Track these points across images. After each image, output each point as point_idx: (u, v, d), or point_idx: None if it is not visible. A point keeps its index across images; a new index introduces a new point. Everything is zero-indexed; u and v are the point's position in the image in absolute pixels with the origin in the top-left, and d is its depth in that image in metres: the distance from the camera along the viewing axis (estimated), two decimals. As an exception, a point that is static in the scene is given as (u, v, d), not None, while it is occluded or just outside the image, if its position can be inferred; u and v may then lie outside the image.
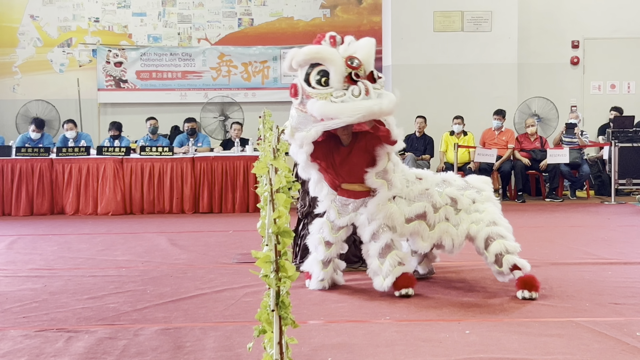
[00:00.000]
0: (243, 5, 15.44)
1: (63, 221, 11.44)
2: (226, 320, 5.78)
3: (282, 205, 2.73)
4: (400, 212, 6.31)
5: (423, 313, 5.79)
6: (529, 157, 13.53)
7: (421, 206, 6.38)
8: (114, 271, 7.70)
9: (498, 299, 6.21)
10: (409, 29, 14.33)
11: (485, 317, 5.66)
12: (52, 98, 14.91)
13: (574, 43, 15.19)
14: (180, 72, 15.21)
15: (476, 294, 6.39)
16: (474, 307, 5.94)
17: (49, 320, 5.85)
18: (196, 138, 13.38)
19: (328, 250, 6.54)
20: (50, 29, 15.22)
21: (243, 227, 10.41)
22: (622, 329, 5.37)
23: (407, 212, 6.34)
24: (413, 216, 6.38)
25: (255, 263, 2.71)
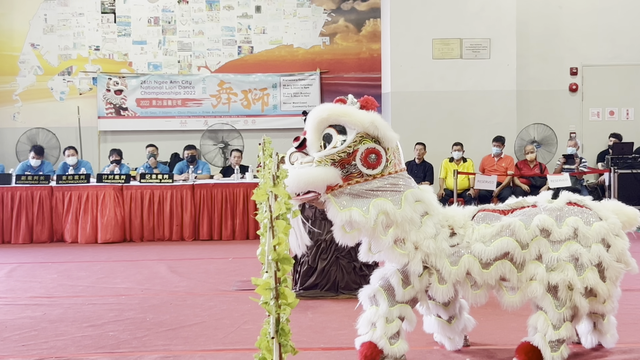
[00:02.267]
0: (243, 33, 15.52)
1: (62, 249, 11.42)
2: (226, 347, 5.76)
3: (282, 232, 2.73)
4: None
5: (425, 339, 5.76)
6: (528, 183, 13.53)
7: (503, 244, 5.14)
8: (114, 299, 7.68)
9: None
10: (408, 56, 14.39)
11: None
12: (53, 126, 14.94)
13: (573, 70, 15.24)
14: (180, 99, 15.25)
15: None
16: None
17: (48, 348, 5.83)
18: (196, 165, 13.40)
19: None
20: (50, 57, 15.28)
21: (243, 254, 10.39)
22: (623, 355, 5.36)
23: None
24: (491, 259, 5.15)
25: (255, 290, 2.71)
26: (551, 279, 4.99)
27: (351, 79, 15.39)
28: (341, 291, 7.57)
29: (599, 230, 5.11)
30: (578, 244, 5.07)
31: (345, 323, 6.39)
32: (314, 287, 7.62)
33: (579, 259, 5.04)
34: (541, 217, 5.15)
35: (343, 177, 5.04)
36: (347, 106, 5.17)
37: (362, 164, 5.05)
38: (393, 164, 5.16)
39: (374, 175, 5.08)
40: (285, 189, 3.94)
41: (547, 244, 5.07)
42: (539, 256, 5.07)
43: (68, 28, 15.30)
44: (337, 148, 5.04)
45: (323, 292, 7.59)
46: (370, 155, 5.07)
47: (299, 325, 6.29)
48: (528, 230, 5.09)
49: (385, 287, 5.18)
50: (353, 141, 5.05)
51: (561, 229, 5.11)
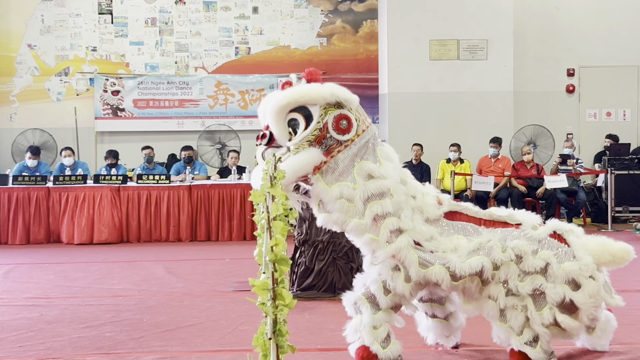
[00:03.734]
0: (240, 34, 15.51)
1: (59, 250, 11.41)
2: (223, 348, 5.76)
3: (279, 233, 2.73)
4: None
5: (421, 340, 5.76)
6: (525, 184, 13.53)
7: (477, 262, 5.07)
8: (111, 300, 7.68)
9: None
10: (405, 57, 14.39)
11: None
12: (50, 127, 14.91)
13: (570, 71, 15.25)
14: (178, 100, 15.24)
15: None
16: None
17: (45, 349, 5.82)
18: (193, 166, 13.39)
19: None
20: (47, 58, 15.26)
21: (240, 255, 10.39)
22: (619, 356, 5.36)
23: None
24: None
25: (252, 291, 2.71)
26: (508, 305, 4.99)
27: (348, 80, 15.36)
28: (338, 292, 7.55)
29: (569, 271, 4.98)
30: (544, 279, 4.99)
31: (343, 324, 6.36)
32: (311, 288, 7.62)
33: (542, 293, 4.98)
34: (519, 243, 5.07)
35: (324, 153, 5.05)
36: (300, 86, 5.19)
37: (336, 133, 5.07)
38: (362, 121, 5.22)
39: (352, 139, 5.10)
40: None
41: (516, 271, 5.02)
42: (505, 281, 5.03)
43: (65, 29, 15.29)
44: (308, 129, 5.04)
45: (320, 293, 7.59)
46: (341, 121, 5.09)
47: (296, 326, 6.29)
48: (504, 254, 5.03)
49: (367, 295, 5.15)
50: (320, 116, 5.06)
51: (534, 260, 5.03)
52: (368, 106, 15.30)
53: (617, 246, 5.16)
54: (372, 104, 15.33)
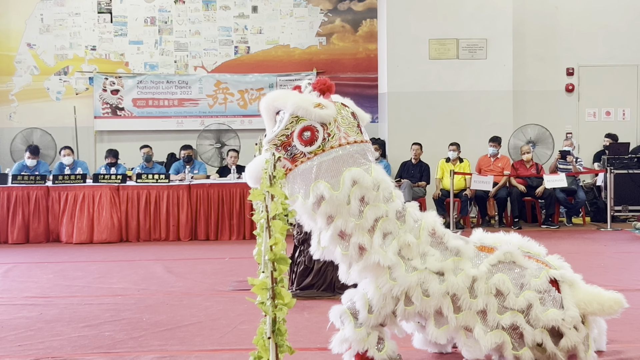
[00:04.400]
0: (239, 33, 15.51)
1: (59, 249, 11.41)
2: (222, 348, 5.76)
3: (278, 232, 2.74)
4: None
5: (420, 340, 5.77)
6: (524, 183, 13.54)
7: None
8: (110, 299, 7.68)
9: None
10: (404, 57, 14.39)
11: None
12: (49, 126, 14.91)
13: (569, 70, 15.25)
14: (177, 99, 15.24)
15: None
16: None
17: (44, 348, 5.82)
18: (192, 165, 13.39)
19: None
20: (47, 57, 15.26)
21: (239, 254, 10.39)
22: (618, 355, 5.37)
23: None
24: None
25: (251, 290, 2.71)
26: (487, 341, 4.91)
27: (348, 79, 15.38)
28: (337, 291, 7.55)
29: (551, 319, 4.90)
30: (524, 319, 4.92)
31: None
32: (311, 287, 7.62)
33: (521, 334, 4.92)
34: (502, 279, 4.99)
35: (290, 160, 5.00)
36: (283, 91, 5.28)
37: (299, 143, 4.99)
38: (337, 137, 5.03)
39: (314, 152, 4.98)
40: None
41: (496, 304, 4.95)
42: (484, 311, 4.96)
43: (64, 28, 15.28)
44: (275, 132, 5.05)
45: (319, 292, 7.59)
46: (304, 132, 5.00)
47: (296, 325, 6.29)
48: (485, 285, 4.97)
49: (352, 310, 5.10)
50: (289, 122, 5.02)
51: (516, 299, 4.95)
52: (367, 105, 15.30)
53: (606, 296, 5.08)
54: (372, 103, 15.32)
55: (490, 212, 13.67)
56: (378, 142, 14.03)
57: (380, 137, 14.69)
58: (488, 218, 13.63)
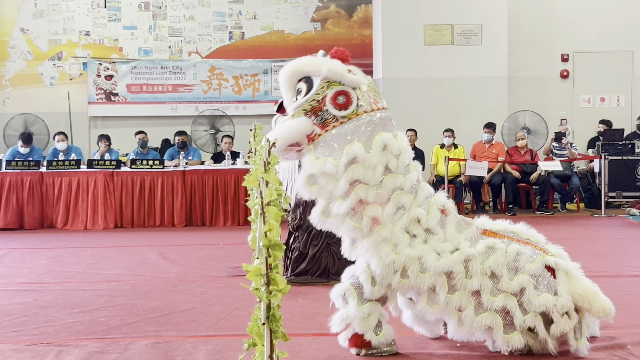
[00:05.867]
0: (234, 18, 15.46)
1: (53, 235, 11.40)
2: (217, 333, 5.77)
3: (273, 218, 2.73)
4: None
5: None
6: (519, 170, 13.55)
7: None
8: (104, 285, 7.68)
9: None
10: (399, 42, 14.37)
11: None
12: (43, 111, 14.87)
13: (564, 56, 15.24)
14: (171, 85, 15.20)
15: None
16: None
17: (38, 334, 5.83)
18: (187, 151, 13.37)
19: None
20: (40, 42, 15.20)
21: (234, 240, 10.39)
22: (612, 341, 5.39)
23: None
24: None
25: (246, 276, 2.70)
26: (478, 322, 4.95)
27: (342, 65, 15.34)
28: (332, 277, 7.57)
29: (543, 303, 4.94)
30: (516, 302, 4.95)
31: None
32: (305, 273, 7.63)
33: (511, 316, 4.95)
34: (498, 261, 5.03)
35: (320, 125, 5.04)
36: (309, 56, 5.22)
37: (333, 107, 5.04)
38: (368, 102, 5.12)
39: (348, 116, 5.05)
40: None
41: (490, 285, 4.99)
42: (478, 292, 5.00)
43: (58, 13, 15.22)
44: (306, 97, 5.07)
45: (314, 279, 7.60)
46: (339, 97, 5.05)
47: (290, 311, 6.30)
48: (481, 266, 5.03)
49: (355, 285, 5.14)
50: (320, 87, 5.06)
51: (510, 282, 4.99)
52: (362, 91, 15.28)
53: (600, 300, 5.07)
54: (366, 89, 15.30)
55: (484, 198, 13.69)
56: (373, 128, 14.01)
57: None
58: (482, 204, 13.64)
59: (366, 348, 5.13)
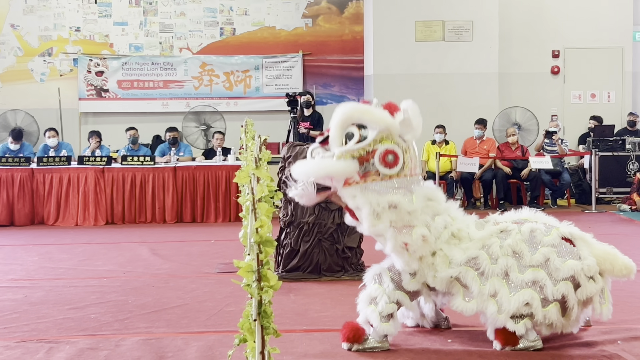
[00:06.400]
0: (225, 14, 15.43)
1: (44, 231, 11.37)
2: (208, 330, 5.77)
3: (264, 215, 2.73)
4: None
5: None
6: (510, 166, 13.58)
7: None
8: (96, 281, 7.67)
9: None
10: (390, 39, 14.37)
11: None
12: (33, 107, 14.82)
13: (555, 52, 15.26)
14: (162, 81, 15.17)
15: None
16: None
17: (29, 330, 5.81)
18: (178, 147, 13.35)
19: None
20: (30, 38, 15.15)
21: (225, 237, 10.39)
22: (602, 337, 5.41)
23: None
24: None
25: (237, 272, 2.70)
26: (515, 300, 5.03)
27: (334, 61, 15.35)
28: (324, 273, 7.59)
29: (570, 268, 5.06)
30: (545, 274, 5.07)
31: (328, 305, 6.41)
32: (297, 269, 7.63)
33: (542, 288, 5.05)
34: (515, 240, 5.20)
35: (361, 174, 5.15)
36: (372, 107, 5.26)
37: (380, 163, 5.16)
38: (409, 167, 5.29)
39: (390, 176, 5.18)
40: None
41: (515, 264, 5.12)
42: (506, 273, 5.11)
43: (48, 9, 15.16)
44: (358, 145, 5.14)
45: (305, 275, 7.60)
46: (388, 155, 5.18)
47: (282, 307, 6.30)
48: (501, 249, 5.17)
49: (393, 271, 5.26)
50: (373, 140, 5.15)
51: (532, 256, 5.12)
52: (353, 87, 15.33)
53: (621, 259, 5.24)
54: (358, 86, 15.32)
55: (475, 194, 13.71)
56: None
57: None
58: (473, 200, 13.67)
59: (358, 343, 5.16)
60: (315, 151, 5.28)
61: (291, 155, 7.74)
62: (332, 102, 15.19)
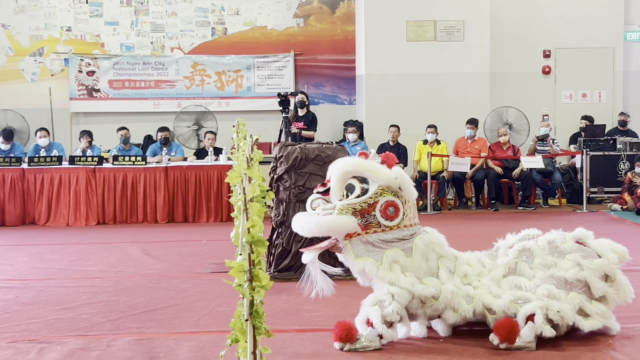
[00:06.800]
0: (216, 14, 15.41)
1: (35, 231, 11.34)
2: (200, 330, 5.76)
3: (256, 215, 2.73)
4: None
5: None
6: (501, 165, 13.60)
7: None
8: (87, 282, 7.65)
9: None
10: (382, 39, 14.38)
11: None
12: (24, 107, 14.78)
13: (546, 52, 15.29)
14: (154, 81, 15.14)
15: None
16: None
17: (21, 331, 5.80)
18: (169, 147, 13.32)
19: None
20: (21, 37, 15.11)
21: (217, 237, 10.38)
22: (592, 335, 5.42)
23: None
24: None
25: (229, 272, 2.70)
26: (569, 302, 5.29)
27: (325, 61, 15.35)
28: (315, 273, 7.58)
29: (600, 266, 5.42)
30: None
31: (320, 305, 6.40)
32: (288, 269, 7.63)
33: (587, 285, 5.40)
34: (543, 260, 5.50)
35: (362, 226, 5.36)
36: (370, 161, 5.47)
37: (381, 215, 5.37)
38: (409, 217, 5.48)
39: (391, 227, 5.39)
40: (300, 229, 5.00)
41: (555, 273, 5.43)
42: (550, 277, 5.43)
43: (39, 8, 15.12)
44: (359, 199, 5.36)
45: (297, 275, 7.55)
46: (389, 207, 5.40)
47: (273, 307, 6.30)
48: (532, 267, 5.48)
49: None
50: (374, 193, 5.36)
51: (564, 263, 5.45)
52: (345, 87, 15.33)
53: (618, 246, 5.66)
54: (349, 85, 15.32)
55: (467, 194, 13.73)
56: (356, 124, 14.04)
57: (358, 119, 14.69)
58: (465, 200, 13.69)
59: (350, 342, 5.18)
60: (316, 202, 5.48)
61: (283, 155, 7.75)
62: (323, 102, 15.20)
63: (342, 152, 7.87)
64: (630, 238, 10.13)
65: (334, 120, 15.13)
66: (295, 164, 7.70)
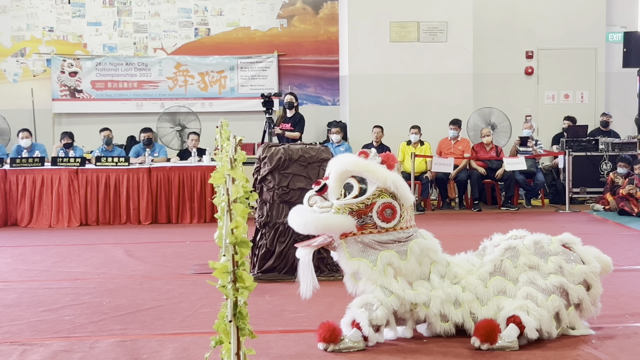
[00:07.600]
0: (199, 15, 15.38)
1: (17, 233, 11.28)
2: (183, 331, 5.75)
3: (239, 216, 2.72)
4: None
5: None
6: (485, 166, 13.64)
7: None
8: (70, 283, 7.62)
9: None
10: (365, 39, 14.39)
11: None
12: (6, 108, 14.69)
13: (528, 53, 15.36)
14: (136, 82, 15.09)
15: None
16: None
17: (3, 333, 5.77)
18: (152, 148, 13.29)
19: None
20: (3, 38, 15.01)
21: (200, 238, 10.36)
22: (577, 336, 5.45)
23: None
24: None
25: (212, 274, 2.70)
26: (548, 307, 5.34)
27: (309, 62, 15.35)
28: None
29: (581, 272, 5.48)
30: (564, 279, 5.45)
31: (303, 306, 6.40)
32: (272, 270, 7.63)
33: (565, 292, 5.42)
34: (528, 259, 5.55)
35: (358, 226, 5.36)
36: (370, 161, 5.48)
37: (377, 217, 5.38)
38: (405, 219, 5.47)
39: (387, 229, 5.39)
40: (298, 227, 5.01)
41: (536, 274, 5.47)
42: (532, 282, 5.43)
43: (21, 9, 15.03)
44: (357, 199, 5.36)
45: (281, 275, 7.60)
46: (387, 209, 5.40)
47: (257, 308, 6.30)
48: (515, 269, 5.51)
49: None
50: (372, 194, 5.37)
51: (547, 265, 5.50)
52: (329, 88, 15.33)
53: (605, 258, 5.72)
54: (333, 86, 15.33)
55: (450, 195, 13.76)
56: (339, 125, 14.05)
57: (341, 120, 14.70)
58: (448, 200, 13.72)
59: (334, 343, 5.18)
60: (313, 199, 5.45)
61: (266, 156, 7.74)
62: (307, 103, 15.19)
63: (326, 152, 7.88)
64: (612, 238, 10.20)
65: (317, 121, 15.13)
66: (279, 165, 7.70)
